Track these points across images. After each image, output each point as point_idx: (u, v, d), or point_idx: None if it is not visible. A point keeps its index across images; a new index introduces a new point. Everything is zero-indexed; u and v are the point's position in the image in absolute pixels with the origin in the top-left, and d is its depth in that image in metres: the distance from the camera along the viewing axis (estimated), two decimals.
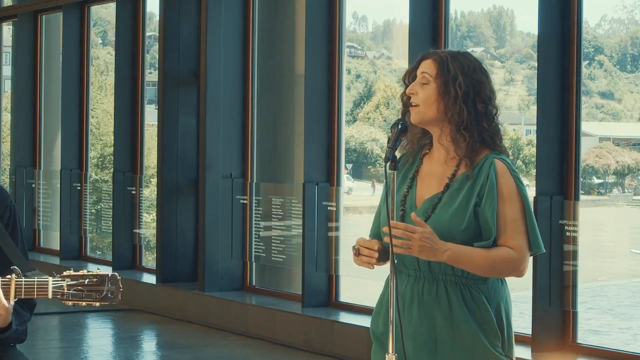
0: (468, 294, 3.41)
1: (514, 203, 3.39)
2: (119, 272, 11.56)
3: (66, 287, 3.38)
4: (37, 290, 3.39)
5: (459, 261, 3.34)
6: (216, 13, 9.40)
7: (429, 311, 3.42)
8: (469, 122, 3.41)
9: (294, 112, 9.24)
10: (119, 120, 10.81)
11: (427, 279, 3.42)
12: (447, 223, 3.38)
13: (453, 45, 12.79)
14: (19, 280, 3.39)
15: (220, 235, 9.39)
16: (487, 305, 3.41)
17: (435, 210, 3.42)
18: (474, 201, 3.39)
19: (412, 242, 3.27)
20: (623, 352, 6.95)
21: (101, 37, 15.72)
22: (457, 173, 3.45)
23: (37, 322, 9.30)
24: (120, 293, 3.41)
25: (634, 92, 11.67)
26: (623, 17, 10.98)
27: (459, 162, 3.45)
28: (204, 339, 8.68)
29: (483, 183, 3.40)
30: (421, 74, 3.43)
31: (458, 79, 3.40)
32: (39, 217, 12.25)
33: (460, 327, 3.40)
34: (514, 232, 3.38)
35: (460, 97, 3.39)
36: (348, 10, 8.83)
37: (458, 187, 3.43)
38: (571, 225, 6.87)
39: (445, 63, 3.41)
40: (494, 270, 3.38)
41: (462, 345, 3.40)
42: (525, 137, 13.10)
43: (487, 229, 3.38)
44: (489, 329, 3.41)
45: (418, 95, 3.43)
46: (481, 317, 3.40)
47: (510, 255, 3.37)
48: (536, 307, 6.89)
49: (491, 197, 3.37)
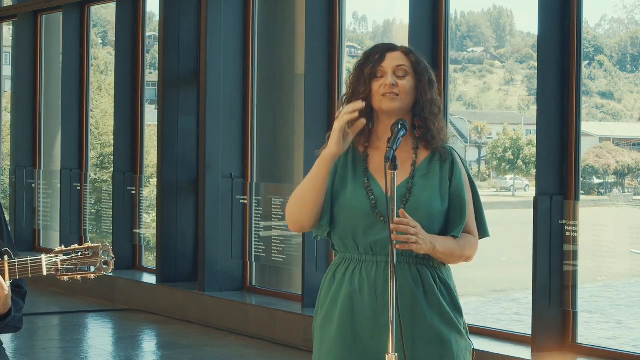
0: (436, 276, 3.52)
1: (469, 191, 3.56)
2: (119, 272, 11.52)
3: (60, 262, 3.42)
4: (32, 269, 3.42)
5: (444, 252, 3.47)
6: (216, 13, 9.40)
7: (405, 291, 3.46)
8: (437, 109, 3.56)
9: (294, 112, 9.24)
10: (119, 120, 10.82)
11: (400, 264, 3.47)
12: (428, 206, 3.48)
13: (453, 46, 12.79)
14: (12, 261, 3.41)
15: (220, 235, 9.40)
16: (451, 286, 3.54)
17: (411, 194, 3.49)
18: (447, 184, 3.52)
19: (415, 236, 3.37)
20: (623, 352, 6.95)
21: (101, 37, 15.72)
22: (418, 159, 3.55)
23: (37, 322, 9.30)
24: (113, 263, 3.44)
25: (634, 92, 11.67)
26: (623, 17, 10.99)
27: (414, 148, 3.56)
28: (204, 339, 8.68)
29: (450, 168, 3.53)
30: (397, 67, 3.52)
31: (429, 71, 3.57)
32: (39, 217, 12.25)
33: (436, 306, 3.48)
34: (472, 218, 3.57)
35: (434, 87, 3.56)
36: (348, 10, 8.83)
37: (426, 172, 3.53)
38: (571, 225, 6.87)
39: (417, 57, 3.56)
40: (462, 258, 3.54)
41: (440, 323, 3.47)
42: (525, 137, 13.10)
43: (460, 214, 3.51)
44: (457, 309, 3.53)
45: (398, 85, 3.51)
46: (449, 298, 3.52)
47: (472, 242, 3.56)
48: (536, 307, 6.89)
49: (461, 183, 3.53)
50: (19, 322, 3.68)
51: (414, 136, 3.56)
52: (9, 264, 3.42)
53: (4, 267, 3.42)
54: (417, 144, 3.56)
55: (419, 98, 3.53)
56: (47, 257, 3.42)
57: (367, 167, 3.56)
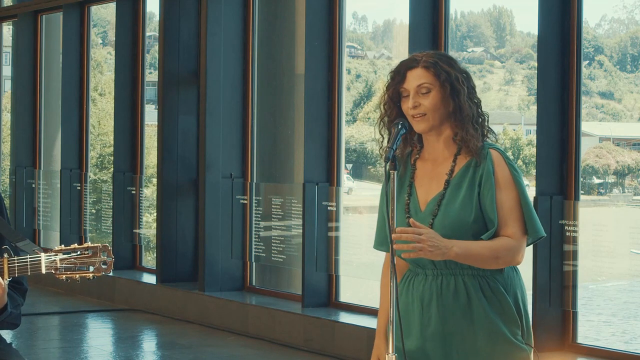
0: (486, 285, 3.47)
1: (509, 191, 3.47)
2: (119, 272, 11.51)
3: (59, 261, 3.42)
4: (31, 267, 3.43)
5: (466, 256, 3.42)
6: (216, 13, 9.40)
7: (447, 306, 3.48)
8: (475, 114, 3.52)
9: (294, 112, 9.24)
10: (119, 120, 10.82)
11: (445, 276, 3.48)
12: (456, 217, 3.45)
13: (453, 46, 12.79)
14: (11, 259, 3.42)
15: (220, 235, 9.40)
16: (505, 295, 3.48)
17: (440, 208, 3.48)
18: (476, 191, 3.47)
19: (421, 244, 3.34)
20: (623, 352, 6.95)
21: (101, 37, 15.72)
22: (455, 168, 3.52)
23: (37, 322, 9.30)
24: (112, 264, 3.45)
25: (634, 92, 11.67)
26: (623, 17, 10.99)
27: (454, 157, 3.53)
28: (204, 339, 8.68)
29: (482, 173, 3.48)
30: (418, 86, 3.49)
31: (458, 77, 3.51)
32: (39, 217, 12.25)
33: (480, 318, 3.46)
34: (511, 220, 3.46)
35: (465, 93, 3.50)
36: (348, 10, 8.83)
37: (458, 182, 3.50)
38: (571, 225, 6.87)
39: (438, 66, 3.50)
40: (498, 261, 3.45)
41: (482, 336, 3.46)
42: (525, 137, 13.10)
43: (489, 219, 3.45)
44: (509, 318, 3.47)
45: (422, 105, 3.49)
46: (500, 307, 3.47)
47: (510, 244, 3.45)
48: (536, 307, 6.89)
49: (489, 186, 3.46)
50: (16, 318, 3.68)
51: (455, 142, 3.54)
52: (9, 262, 3.43)
53: (3, 265, 3.43)
54: (458, 151, 3.53)
55: (447, 109, 3.51)
56: (46, 256, 3.43)
57: (413, 181, 3.57)
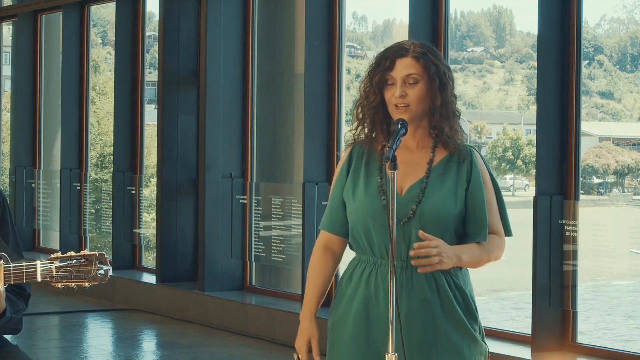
0: (452, 281, 3.46)
1: (490, 191, 3.52)
2: (119, 272, 11.52)
3: (55, 269, 3.40)
4: (26, 275, 3.40)
5: (471, 261, 3.43)
6: (216, 13, 9.40)
7: (421, 296, 3.43)
8: (451, 112, 3.49)
9: (294, 112, 9.24)
10: (119, 120, 10.82)
11: (414, 269, 3.41)
12: (441, 207, 3.42)
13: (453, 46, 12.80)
14: (7, 266, 3.39)
15: (220, 235, 9.40)
16: (465, 291, 3.48)
17: (425, 195, 3.44)
18: (464, 186, 3.46)
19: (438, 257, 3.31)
20: (623, 352, 6.95)
21: (101, 37, 15.72)
22: (435, 159, 3.49)
23: (37, 322, 9.30)
24: (109, 273, 3.42)
25: (634, 92, 11.68)
26: (623, 17, 10.99)
27: (433, 149, 3.50)
28: (204, 339, 8.68)
29: (468, 169, 3.48)
30: (407, 76, 3.44)
31: (445, 72, 3.48)
32: (39, 217, 12.25)
33: (451, 312, 3.44)
34: (496, 219, 3.52)
35: (447, 90, 3.48)
36: (348, 10, 8.84)
37: (442, 173, 3.48)
38: (571, 225, 6.87)
39: (428, 59, 3.46)
40: (491, 260, 3.50)
41: (454, 329, 3.44)
42: (525, 137, 13.10)
43: (476, 218, 3.45)
44: (471, 314, 3.48)
45: (408, 96, 3.45)
46: (463, 302, 3.47)
47: (499, 242, 3.51)
48: (536, 307, 6.89)
49: (479, 186, 3.47)
50: (17, 323, 3.66)
51: (432, 136, 3.51)
52: (4, 269, 3.40)
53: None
54: (435, 144, 3.50)
55: (431, 103, 3.46)
56: (42, 264, 3.39)
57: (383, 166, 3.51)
